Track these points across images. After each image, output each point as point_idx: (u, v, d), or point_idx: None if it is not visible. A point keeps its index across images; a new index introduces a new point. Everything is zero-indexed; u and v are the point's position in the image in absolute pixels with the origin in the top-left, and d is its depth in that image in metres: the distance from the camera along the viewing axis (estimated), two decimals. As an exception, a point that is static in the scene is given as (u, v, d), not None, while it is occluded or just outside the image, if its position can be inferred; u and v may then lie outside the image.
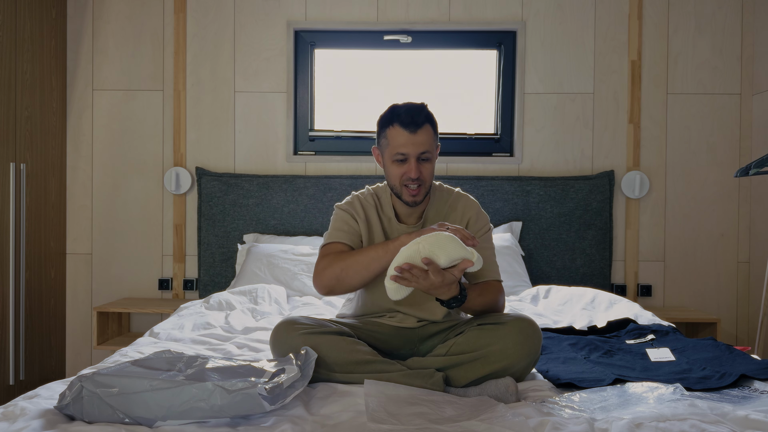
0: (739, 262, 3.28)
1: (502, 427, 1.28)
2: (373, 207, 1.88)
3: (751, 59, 3.26)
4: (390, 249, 1.68)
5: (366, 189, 1.95)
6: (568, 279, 3.18)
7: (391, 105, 1.82)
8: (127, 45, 3.31)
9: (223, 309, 2.48)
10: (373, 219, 1.87)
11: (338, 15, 3.30)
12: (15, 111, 2.87)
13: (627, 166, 3.28)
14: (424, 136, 1.75)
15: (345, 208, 1.88)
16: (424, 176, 1.77)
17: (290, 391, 1.38)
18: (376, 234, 1.86)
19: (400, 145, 1.75)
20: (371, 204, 1.89)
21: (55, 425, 1.28)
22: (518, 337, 1.62)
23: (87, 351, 3.32)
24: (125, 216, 3.32)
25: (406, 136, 1.75)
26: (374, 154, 1.89)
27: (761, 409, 1.38)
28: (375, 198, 1.91)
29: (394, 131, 1.76)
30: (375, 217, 1.87)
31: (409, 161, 1.76)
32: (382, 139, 1.81)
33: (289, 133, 3.30)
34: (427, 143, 1.76)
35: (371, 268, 1.71)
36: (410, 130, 1.74)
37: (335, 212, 1.90)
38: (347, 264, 1.73)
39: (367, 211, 1.87)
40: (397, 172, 1.77)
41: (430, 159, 1.78)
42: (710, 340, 1.96)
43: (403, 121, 1.75)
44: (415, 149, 1.75)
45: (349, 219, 1.85)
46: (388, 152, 1.79)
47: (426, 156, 1.76)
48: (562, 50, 3.28)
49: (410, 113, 1.75)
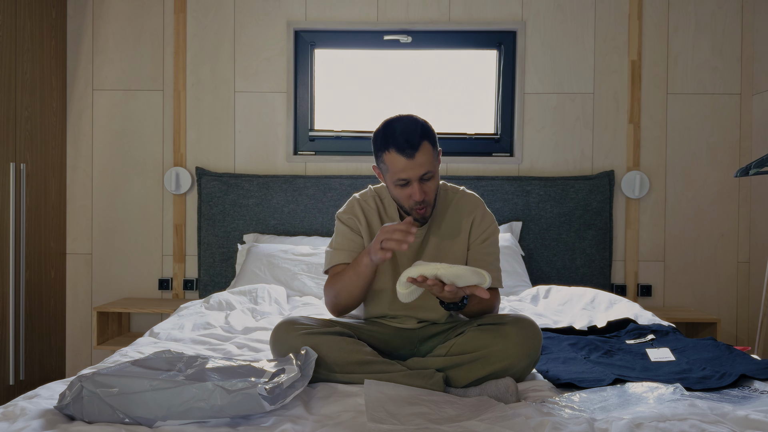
0: (739, 262, 3.28)
1: (502, 427, 1.28)
2: (374, 210, 1.86)
3: (751, 59, 3.26)
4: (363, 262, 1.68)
5: (368, 189, 1.92)
6: (568, 279, 3.19)
7: (385, 122, 1.74)
8: (127, 45, 3.31)
9: (223, 309, 2.48)
10: (375, 222, 1.85)
11: (338, 15, 3.30)
12: (15, 111, 2.87)
13: (627, 166, 3.28)
14: (423, 157, 1.67)
15: (345, 218, 1.86)
16: (428, 196, 1.73)
17: (290, 391, 1.38)
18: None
19: (399, 170, 1.68)
20: (372, 207, 1.86)
21: (55, 425, 1.28)
22: (518, 338, 1.62)
23: (87, 351, 3.32)
24: (125, 216, 3.32)
25: (404, 162, 1.67)
26: (375, 172, 1.81)
27: (761, 409, 1.38)
28: (377, 199, 1.88)
29: (391, 157, 1.68)
30: (376, 219, 1.86)
31: (411, 184, 1.70)
32: (381, 163, 1.73)
33: (289, 133, 3.30)
34: (426, 163, 1.68)
35: (361, 284, 1.73)
36: (407, 155, 1.66)
37: (336, 224, 1.88)
38: (338, 289, 1.76)
39: (367, 214, 1.86)
40: (402, 194, 1.73)
41: (433, 177, 1.72)
42: (710, 340, 1.96)
43: (400, 146, 1.66)
44: (416, 173, 1.68)
45: (349, 233, 1.83)
46: (389, 177, 1.73)
47: (428, 176, 1.70)
48: (562, 50, 3.28)
49: (405, 135, 1.66)
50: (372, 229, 1.85)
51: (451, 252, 1.84)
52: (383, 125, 1.74)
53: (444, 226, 1.86)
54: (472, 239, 1.86)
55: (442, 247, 1.84)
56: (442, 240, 1.85)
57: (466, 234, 1.86)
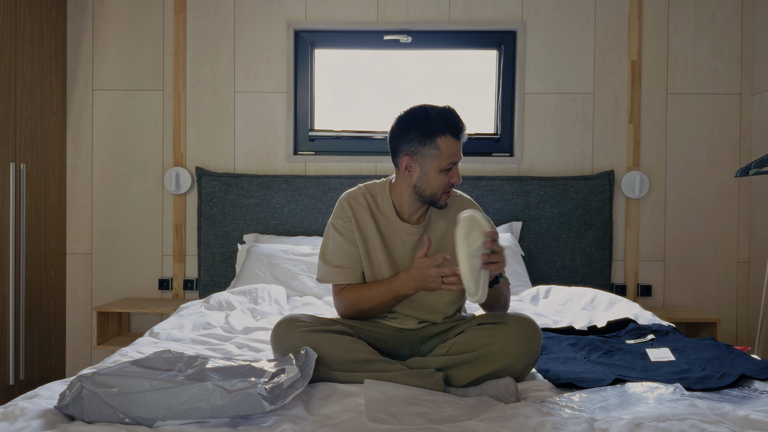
0: (739, 262, 3.28)
1: (502, 427, 1.28)
2: (365, 207, 1.82)
3: (751, 59, 3.26)
4: (404, 292, 1.71)
5: (358, 188, 1.87)
6: (568, 279, 3.19)
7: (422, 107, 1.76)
8: (127, 45, 3.31)
9: (223, 309, 2.49)
10: (366, 219, 1.82)
11: (338, 15, 3.30)
12: (15, 111, 2.87)
13: (627, 166, 3.28)
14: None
15: (340, 225, 1.82)
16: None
17: (290, 391, 1.38)
18: (370, 237, 1.81)
19: (452, 154, 1.73)
20: (363, 204, 1.83)
21: (55, 425, 1.28)
22: (518, 337, 1.62)
23: (87, 351, 3.32)
24: (125, 216, 3.32)
25: (457, 145, 1.73)
26: (403, 164, 1.76)
27: (761, 409, 1.38)
28: (368, 196, 1.85)
29: (446, 141, 1.72)
30: (368, 218, 1.82)
31: (454, 168, 1.75)
32: (431, 149, 1.72)
33: (289, 133, 3.30)
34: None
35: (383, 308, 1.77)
36: (459, 138, 1.74)
37: (331, 232, 1.83)
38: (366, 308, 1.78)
39: (357, 213, 1.82)
40: (444, 180, 1.75)
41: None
42: (710, 340, 1.96)
43: (456, 129, 1.73)
44: (460, 156, 1.76)
45: (344, 244, 1.80)
46: (437, 162, 1.73)
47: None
48: (562, 50, 3.28)
49: (455, 119, 1.74)
50: (362, 227, 1.81)
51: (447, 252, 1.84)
52: (423, 111, 1.75)
53: (441, 227, 1.85)
54: None
55: (441, 247, 1.84)
56: (440, 240, 1.84)
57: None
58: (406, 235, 1.82)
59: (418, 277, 1.65)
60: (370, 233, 1.81)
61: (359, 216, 1.82)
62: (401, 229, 1.82)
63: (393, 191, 1.84)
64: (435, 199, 1.77)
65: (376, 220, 1.83)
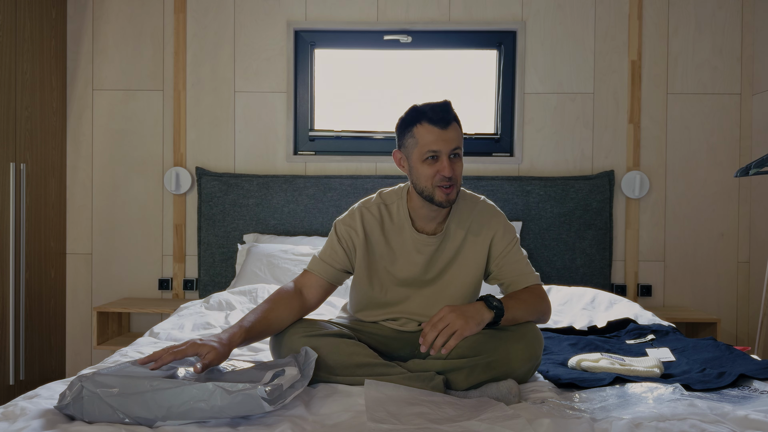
0: (739, 262, 3.28)
1: (503, 427, 1.28)
2: (376, 220, 1.78)
3: (751, 59, 3.26)
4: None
5: (375, 195, 1.83)
6: (568, 279, 3.19)
7: (412, 106, 1.73)
8: (127, 45, 3.31)
9: (223, 309, 2.49)
10: (375, 233, 1.77)
11: (338, 15, 3.30)
12: (15, 111, 2.87)
13: (627, 166, 3.28)
14: (454, 133, 1.67)
15: (341, 229, 1.79)
16: (456, 174, 1.69)
17: (290, 391, 1.38)
18: (378, 253, 1.77)
19: (430, 142, 1.66)
20: (375, 217, 1.78)
21: (55, 425, 1.27)
22: (520, 343, 1.60)
23: (87, 351, 3.32)
24: (125, 216, 3.32)
25: (436, 133, 1.65)
26: (395, 158, 1.77)
27: (761, 409, 1.38)
28: (382, 209, 1.80)
29: (422, 129, 1.66)
30: (378, 230, 1.77)
31: (441, 159, 1.66)
32: (408, 138, 1.70)
33: (289, 133, 3.30)
34: (457, 139, 1.68)
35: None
36: (440, 126, 1.66)
37: (331, 230, 1.81)
38: (261, 311, 1.66)
39: (367, 226, 1.78)
40: (428, 172, 1.68)
41: (460, 157, 1.70)
42: (710, 340, 1.96)
43: (432, 118, 1.66)
44: (447, 146, 1.66)
45: (336, 245, 1.77)
46: (416, 152, 1.69)
47: (457, 152, 1.68)
48: (562, 50, 3.28)
49: (437, 110, 1.66)
50: (370, 241, 1.77)
51: (464, 263, 1.79)
52: (411, 107, 1.73)
53: (459, 236, 1.79)
54: (494, 254, 1.79)
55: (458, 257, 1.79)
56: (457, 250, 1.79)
57: (484, 248, 1.79)
58: (423, 246, 1.76)
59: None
60: (377, 247, 1.78)
61: (369, 228, 1.78)
62: (417, 240, 1.77)
63: (409, 198, 1.79)
64: (428, 195, 1.70)
65: (386, 234, 1.78)
